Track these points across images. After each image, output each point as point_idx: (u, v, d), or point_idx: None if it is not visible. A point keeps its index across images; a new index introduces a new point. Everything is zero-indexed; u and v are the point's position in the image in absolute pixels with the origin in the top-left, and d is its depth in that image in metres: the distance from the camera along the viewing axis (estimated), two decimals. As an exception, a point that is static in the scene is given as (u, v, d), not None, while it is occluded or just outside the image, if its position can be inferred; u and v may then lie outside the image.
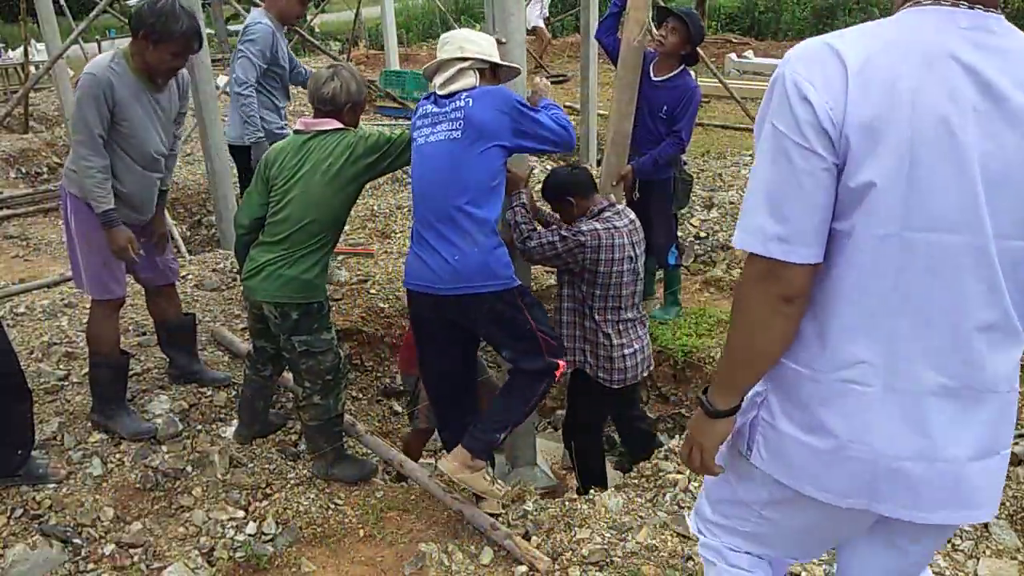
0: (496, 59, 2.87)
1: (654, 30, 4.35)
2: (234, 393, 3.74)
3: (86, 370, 3.80)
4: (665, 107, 4.23)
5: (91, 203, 3.13)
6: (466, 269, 2.71)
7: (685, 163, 4.55)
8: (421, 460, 4.02)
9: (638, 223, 3.43)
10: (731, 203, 6.06)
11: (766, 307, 1.36)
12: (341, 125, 3.05)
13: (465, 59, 2.78)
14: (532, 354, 2.83)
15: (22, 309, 4.46)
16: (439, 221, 2.75)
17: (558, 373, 2.86)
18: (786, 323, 1.38)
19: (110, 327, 3.41)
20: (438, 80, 2.83)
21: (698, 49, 4.33)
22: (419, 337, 3.05)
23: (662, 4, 4.85)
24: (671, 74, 4.26)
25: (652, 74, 4.26)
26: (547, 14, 14.78)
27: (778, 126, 1.31)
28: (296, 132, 3.10)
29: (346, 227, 5.42)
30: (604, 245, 3.20)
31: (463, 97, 2.73)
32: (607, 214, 3.33)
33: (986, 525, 2.75)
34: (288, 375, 3.50)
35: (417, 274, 2.84)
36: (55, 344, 4.02)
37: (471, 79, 2.78)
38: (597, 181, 3.79)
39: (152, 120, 3.24)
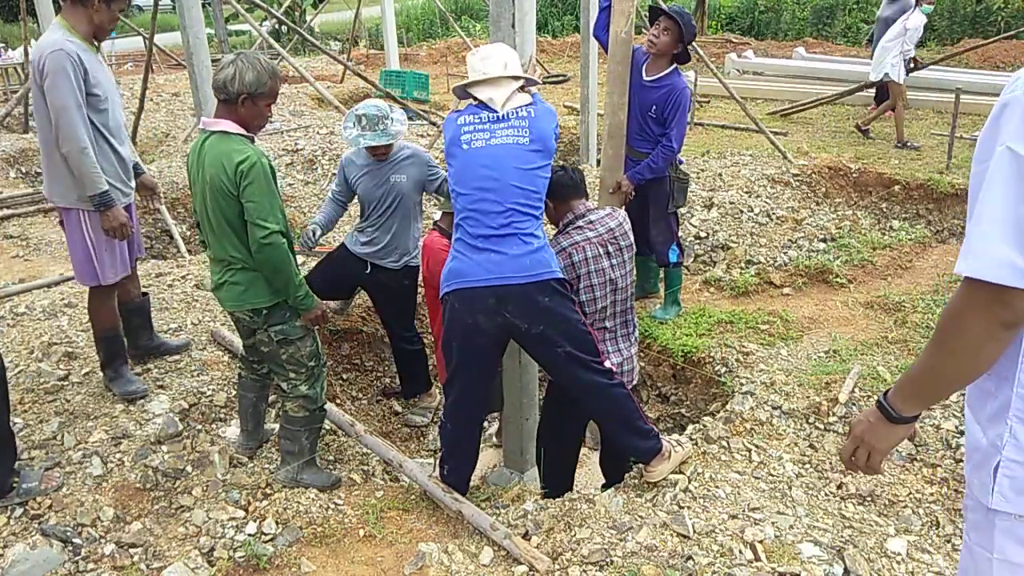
0: (530, 76, 3.12)
1: (647, 29, 4.36)
2: (234, 393, 3.74)
3: (86, 370, 3.81)
4: (655, 107, 4.31)
5: (89, 187, 3.20)
6: (533, 260, 2.91)
7: (681, 162, 4.56)
8: (420, 460, 4.02)
9: (623, 228, 3.38)
10: (731, 203, 6.05)
11: (985, 333, 1.33)
12: (236, 126, 2.83)
13: (516, 78, 3.02)
14: (587, 344, 2.98)
15: (22, 309, 4.46)
16: (505, 217, 2.89)
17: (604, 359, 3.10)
18: (1001, 348, 1.36)
19: (113, 305, 3.62)
20: (496, 96, 2.95)
21: (690, 47, 4.36)
22: (462, 344, 3.00)
23: (657, 4, 4.85)
24: (661, 74, 4.32)
25: (644, 74, 4.33)
26: (911, 54, 8.56)
27: (1018, 150, 1.26)
28: (201, 130, 2.94)
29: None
30: (586, 258, 3.25)
31: (525, 108, 2.97)
32: (580, 223, 3.32)
33: None
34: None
35: (477, 270, 2.89)
36: (55, 344, 4.02)
37: (527, 96, 3.03)
38: (597, 180, 3.78)
39: (112, 84, 3.38)
